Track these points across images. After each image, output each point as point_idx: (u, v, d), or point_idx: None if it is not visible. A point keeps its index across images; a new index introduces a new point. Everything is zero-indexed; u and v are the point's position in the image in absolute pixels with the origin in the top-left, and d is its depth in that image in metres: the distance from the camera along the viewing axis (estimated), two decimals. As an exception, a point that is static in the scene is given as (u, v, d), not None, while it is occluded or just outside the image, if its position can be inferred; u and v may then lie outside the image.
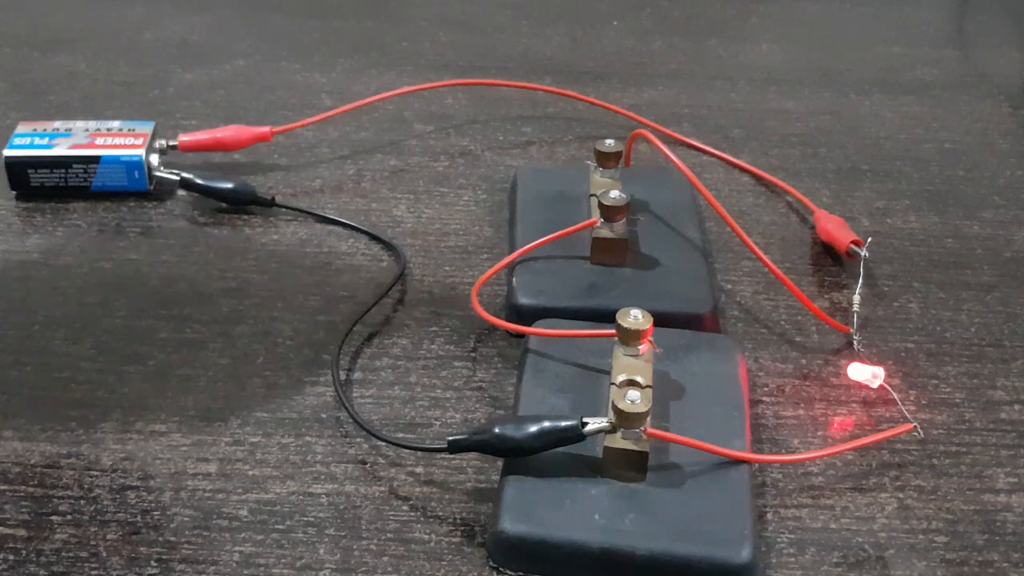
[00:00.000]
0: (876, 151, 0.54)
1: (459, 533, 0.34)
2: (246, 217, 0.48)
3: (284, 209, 0.48)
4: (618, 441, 0.33)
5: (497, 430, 0.34)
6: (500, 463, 0.35)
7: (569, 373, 0.37)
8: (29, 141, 0.49)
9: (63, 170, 0.48)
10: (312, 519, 0.34)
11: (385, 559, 0.33)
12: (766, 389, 0.40)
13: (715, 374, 0.38)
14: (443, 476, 0.36)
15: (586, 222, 0.42)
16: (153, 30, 0.53)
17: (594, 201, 0.43)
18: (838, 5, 0.69)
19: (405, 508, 0.35)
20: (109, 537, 0.34)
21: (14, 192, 0.49)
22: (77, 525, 0.34)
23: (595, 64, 0.61)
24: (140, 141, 0.49)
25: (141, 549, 0.33)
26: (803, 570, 0.33)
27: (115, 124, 0.50)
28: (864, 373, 0.39)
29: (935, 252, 0.47)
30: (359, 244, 0.47)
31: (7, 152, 0.48)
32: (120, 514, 0.34)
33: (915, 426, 0.36)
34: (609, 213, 0.42)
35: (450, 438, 0.34)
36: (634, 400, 0.33)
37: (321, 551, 0.33)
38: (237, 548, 0.33)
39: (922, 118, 0.57)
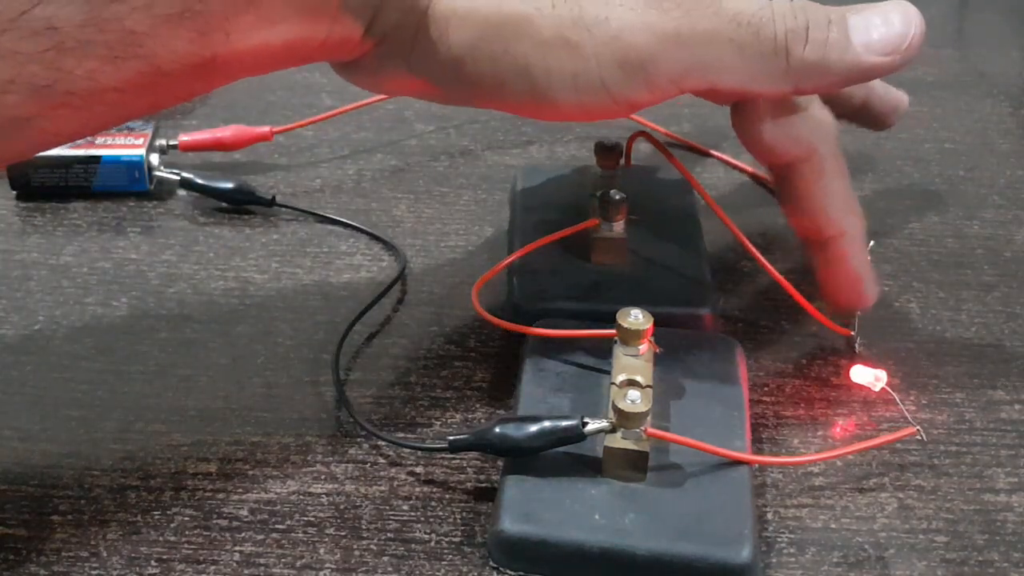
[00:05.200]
0: (876, 151, 0.54)
1: (459, 533, 0.34)
2: (246, 217, 0.48)
3: (284, 209, 0.48)
4: (618, 441, 0.33)
5: (497, 430, 0.34)
6: (500, 463, 0.35)
7: (569, 373, 0.37)
8: (29, 141, 0.49)
9: (63, 170, 0.48)
10: (312, 519, 0.34)
11: (385, 559, 0.33)
12: (766, 389, 0.40)
13: (715, 374, 0.38)
14: (443, 476, 0.36)
15: (586, 222, 0.42)
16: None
17: (594, 201, 0.43)
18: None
19: (405, 508, 0.35)
20: (109, 537, 0.34)
21: (14, 192, 0.49)
22: (77, 525, 0.34)
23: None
24: (140, 141, 0.49)
25: (141, 549, 0.33)
26: (803, 570, 0.33)
27: (115, 124, 0.50)
28: (866, 375, 0.39)
29: (935, 252, 0.47)
30: (359, 244, 0.47)
31: (7, 152, 0.48)
32: (120, 514, 0.34)
33: (917, 429, 0.36)
34: (609, 213, 0.42)
35: (451, 438, 0.35)
36: (634, 400, 0.33)
37: (321, 551, 0.33)
38: (237, 548, 0.33)
39: (922, 118, 0.57)
